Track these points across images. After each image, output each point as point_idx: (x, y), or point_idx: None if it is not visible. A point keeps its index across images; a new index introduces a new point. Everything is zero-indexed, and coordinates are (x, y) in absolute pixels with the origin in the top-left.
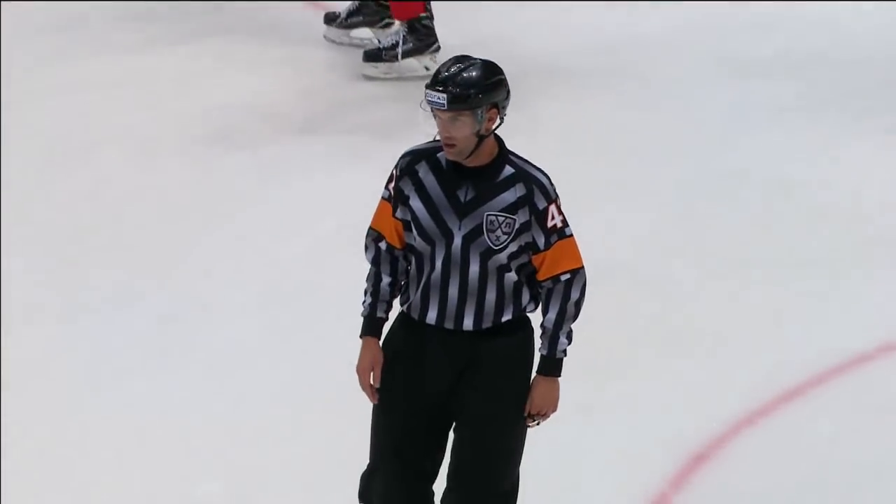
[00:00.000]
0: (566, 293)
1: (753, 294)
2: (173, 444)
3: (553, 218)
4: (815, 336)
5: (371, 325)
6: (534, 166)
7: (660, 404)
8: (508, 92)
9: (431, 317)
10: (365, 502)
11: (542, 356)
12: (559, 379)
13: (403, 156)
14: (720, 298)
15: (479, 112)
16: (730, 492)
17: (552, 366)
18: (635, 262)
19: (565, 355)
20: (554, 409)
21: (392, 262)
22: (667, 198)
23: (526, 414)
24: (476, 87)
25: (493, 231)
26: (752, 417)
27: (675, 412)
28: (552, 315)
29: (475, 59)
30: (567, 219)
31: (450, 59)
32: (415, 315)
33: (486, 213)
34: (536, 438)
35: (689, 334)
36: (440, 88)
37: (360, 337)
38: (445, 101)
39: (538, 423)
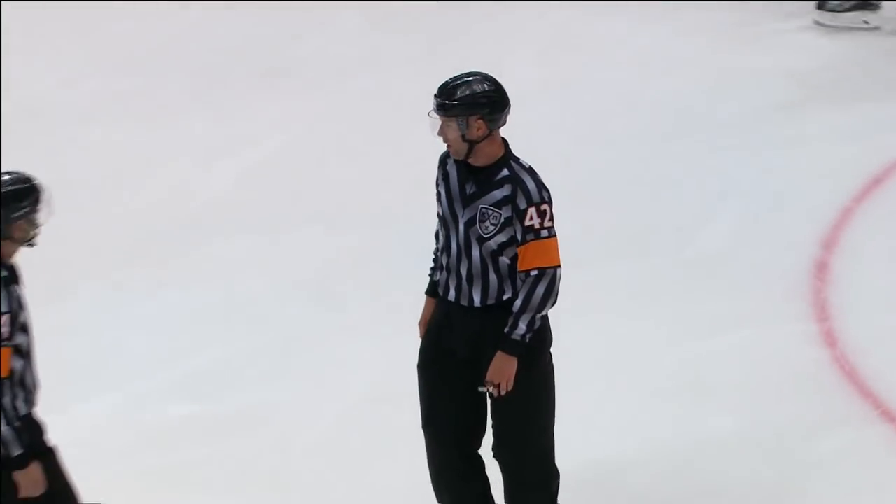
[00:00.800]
0: (532, 286)
1: None
2: None
3: (531, 219)
4: None
5: (430, 287)
6: (528, 173)
7: (844, 133)
8: (501, 106)
9: (452, 294)
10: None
11: (503, 334)
12: (515, 358)
13: (445, 151)
14: None
15: (461, 121)
16: None
17: (509, 345)
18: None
19: (522, 340)
20: (507, 385)
21: None
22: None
23: (485, 382)
24: (459, 100)
25: (484, 221)
26: None
27: (856, 142)
28: (518, 302)
29: (477, 75)
30: (551, 223)
31: (459, 73)
32: (440, 292)
33: (480, 206)
34: (747, 159)
35: (862, 84)
36: (437, 97)
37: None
38: (434, 107)
39: (496, 393)
